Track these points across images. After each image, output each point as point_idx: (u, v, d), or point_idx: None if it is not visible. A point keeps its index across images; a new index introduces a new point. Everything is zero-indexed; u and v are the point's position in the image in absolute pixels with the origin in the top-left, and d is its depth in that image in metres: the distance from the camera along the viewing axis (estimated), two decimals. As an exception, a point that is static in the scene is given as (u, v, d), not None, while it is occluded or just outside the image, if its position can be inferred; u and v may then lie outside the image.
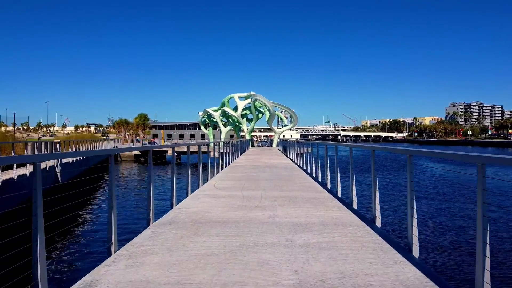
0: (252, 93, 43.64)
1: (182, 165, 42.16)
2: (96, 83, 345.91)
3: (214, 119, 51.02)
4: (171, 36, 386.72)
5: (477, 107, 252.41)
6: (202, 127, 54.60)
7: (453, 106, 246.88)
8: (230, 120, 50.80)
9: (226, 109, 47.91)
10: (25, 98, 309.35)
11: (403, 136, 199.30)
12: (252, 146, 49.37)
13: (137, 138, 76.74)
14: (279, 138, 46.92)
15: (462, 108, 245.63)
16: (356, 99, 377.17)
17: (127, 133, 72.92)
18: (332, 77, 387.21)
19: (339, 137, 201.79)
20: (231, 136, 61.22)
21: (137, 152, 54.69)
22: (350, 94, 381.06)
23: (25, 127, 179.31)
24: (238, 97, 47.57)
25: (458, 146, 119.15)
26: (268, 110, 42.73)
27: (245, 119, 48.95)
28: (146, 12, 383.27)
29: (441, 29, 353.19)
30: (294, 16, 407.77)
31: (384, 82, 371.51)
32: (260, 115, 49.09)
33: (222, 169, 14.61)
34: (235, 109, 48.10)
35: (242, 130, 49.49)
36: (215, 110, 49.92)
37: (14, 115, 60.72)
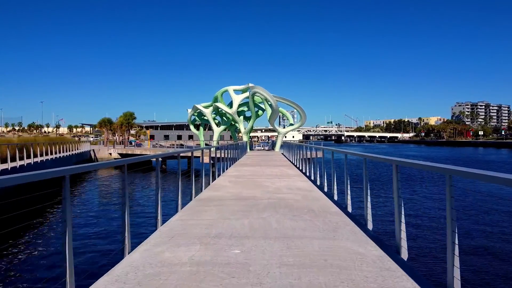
0: (250, 84, 35.19)
1: (168, 174, 33.95)
2: (95, 83, 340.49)
3: (205, 117, 42.85)
4: (172, 35, 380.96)
5: (483, 107, 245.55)
6: (191, 127, 46.24)
7: (459, 105, 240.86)
8: (224, 118, 42.51)
9: (219, 105, 39.44)
10: (24, 98, 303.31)
11: (409, 137, 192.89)
12: (251, 149, 41.30)
13: (131, 139, 69.29)
14: (283, 140, 38.84)
15: (468, 108, 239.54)
16: (358, 99, 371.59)
17: (117, 134, 65.44)
18: (334, 77, 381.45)
19: (343, 138, 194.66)
20: (231, 137, 52.96)
21: (117, 157, 47.29)
22: (353, 94, 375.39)
23: (16, 128, 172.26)
24: (234, 90, 38.90)
25: (469, 147, 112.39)
26: (270, 105, 34.64)
27: (242, 117, 40.41)
28: (146, 11, 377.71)
29: (445, 27, 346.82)
30: (296, 15, 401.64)
31: (387, 82, 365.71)
32: (260, 112, 40.57)
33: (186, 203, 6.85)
34: (230, 105, 39.65)
35: (239, 131, 41.37)
36: (206, 107, 41.52)
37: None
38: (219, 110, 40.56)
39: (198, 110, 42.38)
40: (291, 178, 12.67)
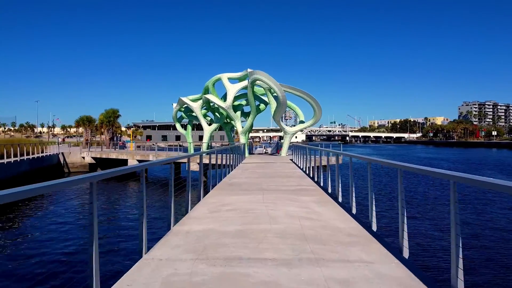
0: (249, 70, 26.84)
1: (150, 185, 25.58)
2: (94, 83, 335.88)
3: (194, 114, 34.75)
4: (172, 34, 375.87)
5: (491, 106, 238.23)
6: (177, 126, 37.94)
7: (467, 105, 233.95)
8: (217, 114, 34.36)
9: (209, 97, 30.85)
10: (20, 98, 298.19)
11: (416, 137, 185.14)
12: (250, 153, 33.24)
13: (127, 139, 62.22)
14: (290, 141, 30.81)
15: (476, 107, 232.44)
16: (362, 99, 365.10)
17: (105, 134, 58.20)
18: (336, 77, 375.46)
19: (347, 138, 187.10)
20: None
21: (91, 161, 39.77)
22: (356, 93, 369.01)
23: (10, 128, 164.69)
24: (228, 78, 30.44)
25: (481, 148, 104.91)
26: (276, 97, 26.64)
27: (239, 113, 31.77)
28: (147, 11, 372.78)
29: (450, 26, 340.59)
30: (297, 14, 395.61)
31: (391, 82, 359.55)
32: (262, 105, 32.24)
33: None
34: (224, 97, 31.21)
35: (236, 130, 33.18)
36: (195, 100, 33.03)
37: None
38: (211, 104, 32.41)
39: (185, 105, 34.27)
40: (348, 251, 4.72)
